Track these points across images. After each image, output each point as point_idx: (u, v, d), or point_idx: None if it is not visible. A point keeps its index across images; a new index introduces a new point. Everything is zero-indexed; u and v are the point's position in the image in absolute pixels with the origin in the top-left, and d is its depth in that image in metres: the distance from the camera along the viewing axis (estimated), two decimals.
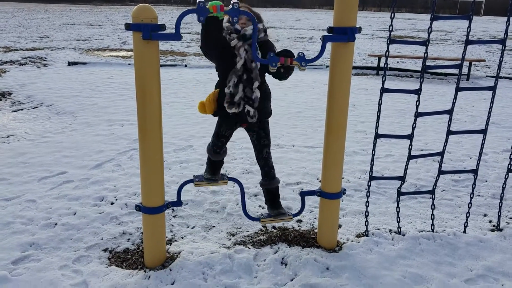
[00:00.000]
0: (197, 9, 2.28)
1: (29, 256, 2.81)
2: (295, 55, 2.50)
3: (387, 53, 2.77)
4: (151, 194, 2.60)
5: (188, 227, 3.27)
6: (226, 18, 2.54)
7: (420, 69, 11.27)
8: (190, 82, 9.10)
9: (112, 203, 3.58)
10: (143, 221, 2.70)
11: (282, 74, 2.58)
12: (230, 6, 2.34)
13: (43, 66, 10.65)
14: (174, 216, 3.40)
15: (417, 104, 2.91)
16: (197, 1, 2.28)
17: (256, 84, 2.56)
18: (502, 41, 2.89)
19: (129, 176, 4.14)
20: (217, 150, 2.91)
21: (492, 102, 3.03)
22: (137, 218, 3.34)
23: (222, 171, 3.13)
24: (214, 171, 3.02)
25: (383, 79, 2.85)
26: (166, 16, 34.23)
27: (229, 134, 2.86)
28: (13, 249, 2.86)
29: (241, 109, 2.58)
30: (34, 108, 6.71)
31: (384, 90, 2.83)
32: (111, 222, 3.30)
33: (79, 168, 4.30)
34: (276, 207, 2.98)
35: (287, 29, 26.33)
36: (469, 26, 2.82)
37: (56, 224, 3.21)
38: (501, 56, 2.96)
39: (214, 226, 3.30)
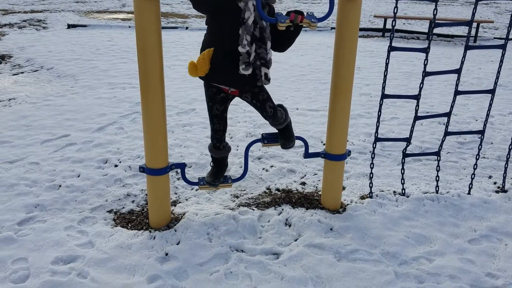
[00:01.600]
0: None
1: (34, 217, 2.83)
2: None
3: (395, 9, 2.67)
4: (155, 156, 2.58)
5: (192, 189, 3.27)
6: None
7: (426, 30, 11.03)
8: (192, 44, 8.94)
9: (116, 166, 3.58)
10: (147, 182, 2.70)
11: (288, 38, 2.38)
12: None
13: (43, 29, 10.46)
14: (178, 179, 3.40)
15: (425, 63, 2.83)
16: None
17: (269, 44, 2.32)
18: None
19: (133, 139, 4.12)
20: (216, 143, 2.68)
21: (501, 61, 2.95)
22: (141, 180, 3.34)
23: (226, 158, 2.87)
24: (216, 174, 2.77)
25: (391, 37, 2.76)
26: None
27: (223, 111, 2.58)
28: (18, 211, 2.88)
29: (252, 71, 2.30)
30: (35, 71, 6.62)
31: (392, 49, 2.75)
32: (115, 184, 3.30)
33: (82, 131, 4.28)
34: (287, 137, 2.75)
35: None
36: None
37: (60, 186, 3.22)
38: None
39: (218, 188, 3.29)
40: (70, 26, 10.61)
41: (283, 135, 2.75)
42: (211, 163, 2.87)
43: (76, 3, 16.20)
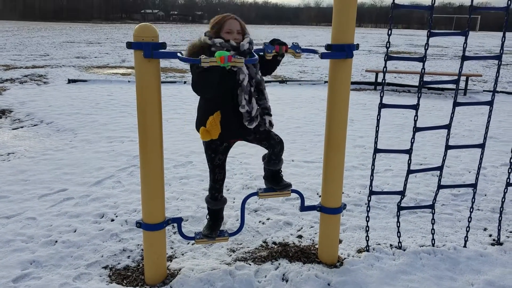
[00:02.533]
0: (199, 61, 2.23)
1: (30, 274, 2.80)
2: (289, 44, 2.60)
3: (384, 69, 2.81)
4: (152, 211, 2.61)
5: (188, 243, 3.27)
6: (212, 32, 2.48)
7: (417, 84, 11.35)
8: (190, 98, 9.14)
9: (112, 220, 3.58)
10: (143, 237, 2.70)
11: (274, 62, 2.65)
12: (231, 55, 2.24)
13: (43, 83, 10.72)
14: (175, 233, 3.40)
15: (415, 119, 2.94)
16: (201, 60, 2.20)
17: (266, 93, 2.60)
18: (498, 57, 2.93)
19: (129, 192, 4.14)
20: (215, 194, 2.78)
21: (489, 116, 3.07)
22: (137, 235, 3.33)
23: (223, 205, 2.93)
24: (212, 227, 2.83)
25: (381, 95, 2.88)
26: (166, 34, 34.52)
27: (225, 160, 2.73)
28: (13, 267, 2.85)
29: (259, 120, 2.55)
30: (34, 125, 6.73)
31: (382, 106, 2.86)
32: (111, 239, 3.29)
33: (79, 185, 4.31)
34: (281, 181, 2.90)
35: None
36: (465, 42, 2.86)
37: (56, 241, 3.21)
38: (498, 71, 3.00)
39: (214, 242, 3.29)
40: (70, 81, 10.88)
41: (278, 177, 2.89)
42: (207, 216, 2.90)
43: (77, 58, 16.68)
